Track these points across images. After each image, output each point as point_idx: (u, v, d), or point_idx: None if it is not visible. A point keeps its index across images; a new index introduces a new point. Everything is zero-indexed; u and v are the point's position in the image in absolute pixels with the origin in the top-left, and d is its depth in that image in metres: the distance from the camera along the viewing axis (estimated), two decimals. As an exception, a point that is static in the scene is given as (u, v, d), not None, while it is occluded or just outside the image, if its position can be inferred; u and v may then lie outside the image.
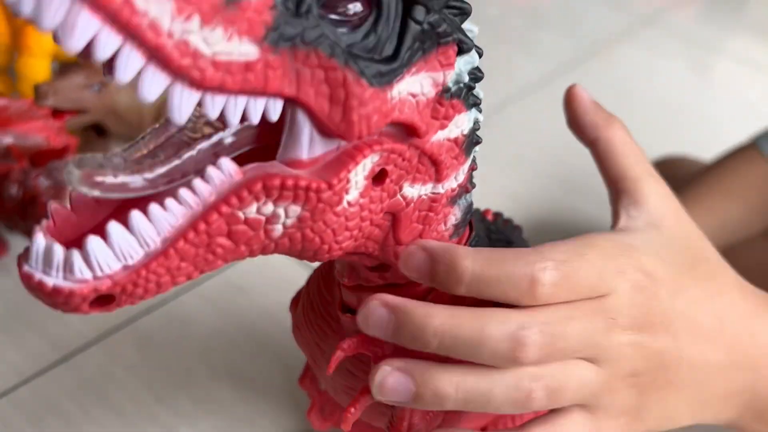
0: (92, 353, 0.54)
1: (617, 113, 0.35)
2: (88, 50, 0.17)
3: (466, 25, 0.26)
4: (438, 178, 0.27)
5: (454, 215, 0.29)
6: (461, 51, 0.25)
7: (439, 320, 0.26)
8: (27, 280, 0.20)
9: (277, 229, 0.23)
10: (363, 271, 0.29)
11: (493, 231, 0.36)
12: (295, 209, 0.23)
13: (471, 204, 0.30)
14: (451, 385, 0.26)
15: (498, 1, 1.26)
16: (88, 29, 0.17)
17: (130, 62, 0.18)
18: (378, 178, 0.25)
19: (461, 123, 0.26)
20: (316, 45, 0.21)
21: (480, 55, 0.27)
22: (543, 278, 0.26)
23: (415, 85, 0.24)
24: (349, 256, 0.28)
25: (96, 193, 0.21)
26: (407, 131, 0.25)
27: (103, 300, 0.21)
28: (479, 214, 0.36)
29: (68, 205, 0.22)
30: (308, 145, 0.23)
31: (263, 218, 0.22)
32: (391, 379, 0.26)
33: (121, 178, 0.21)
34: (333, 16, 0.22)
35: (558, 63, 1.08)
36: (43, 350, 0.54)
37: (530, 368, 0.26)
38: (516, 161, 0.85)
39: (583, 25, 1.24)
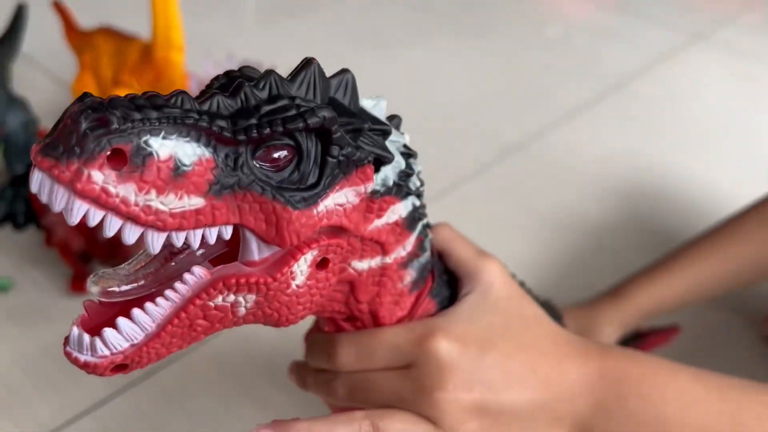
0: (173, 370, 0.62)
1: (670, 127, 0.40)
2: (84, 220, 0.25)
3: (394, 137, 0.33)
4: (384, 253, 0.34)
5: (409, 275, 0.36)
6: (383, 163, 0.32)
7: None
8: (68, 356, 0.29)
9: (241, 311, 0.31)
10: (339, 322, 0.38)
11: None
12: (251, 297, 0.30)
13: (426, 264, 0.37)
14: None
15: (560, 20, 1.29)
16: (81, 209, 0.25)
17: (113, 224, 0.26)
18: (321, 264, 0.31)
19: (397, 210, 0.33)
20: (249, 188, 0.28)
21: (407, 160, 0.33)
22: (338, 353, 0.37)
23: (341, 198, 0.30)
24: (325, 315, 0.36)
25: (110, 299, 0.30)
26: (340, 229, 0.31)
27: (120, 367, 0.29)
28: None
29: (98, 300, 0.30)
30: (257, 250, 0.30)
31: (228, 304, 0.30)
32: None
33: (124, 288, 0.30)
34: (264, 164, 0.29)
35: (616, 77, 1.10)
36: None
37: (360, 413, 0.36)
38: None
39: (638, 42, 1.25)
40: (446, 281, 0.40)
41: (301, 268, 0.30)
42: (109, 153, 0.24)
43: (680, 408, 0.36)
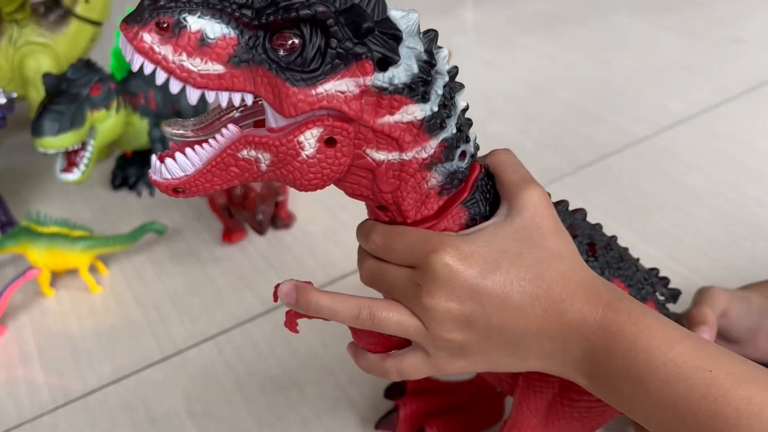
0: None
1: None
2: (141, 71, 0.34)
3: (411, 44, 0.36)
4: (401, 149, 0.38)
5: (434, 178, 0.39)
6: (388, 63, 0.35)
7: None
8: (149, 178, 0.38)
9: (262, 167, 0.37)
10: (374, 209, 0.42)
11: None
12: (267, 156, 0.36)
13: (455, 172, 0.40)
14: (312, 300, 0.41)
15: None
16: (138, 60, 0.34)
17: (160, 75, 0.34)
18: (329, 142, 0.36)
19: (411, 111, 0.37)
20: (260, 64, 0.35)
21: (425, 66, 0.37)
22: (370, 238, 0.42)
23: (342, 86, 0.35)
24: (360, 198, 0.41)
25: (177, 139, 0.38)
26: (346, 115, 0.36)
27: (176, 191, 0.37)
28: None
29: (172, 138, 0.39)
30: (274, 120, 0.36)
31: (252, 158, 0.37)
32: (284, 287, 0.42)
33: (186, 132, 0.38)
34: (277, 47, 0.35)
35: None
36: (254, 304, 0.73)
37: (366, 301, 0.40)
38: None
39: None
40: (489, 200, 0.42)
41: (309, 141, 0.36)
42: (156, 22, 0.33)
43: (663, 379, 0.35)
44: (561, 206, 0.45)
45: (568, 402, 0.46)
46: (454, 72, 0.39)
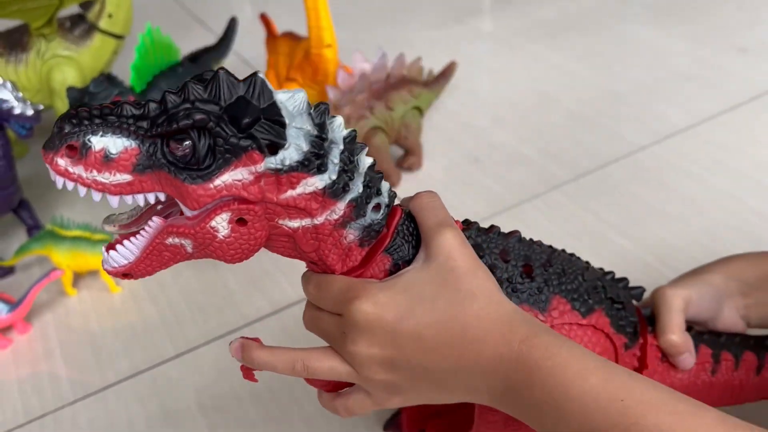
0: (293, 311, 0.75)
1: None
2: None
3: (299, 124, 0.39)
4: (311, 215, 0.41)
5: (351, 234, 0.43)
6: (278, 147, 0.38)
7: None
8: (103, 267, 0.42)
9: (189, 250, 0.41)
10: (308, 264, 0.46)
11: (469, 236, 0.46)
12: (188, 241, 0.40)
13: (370, 225, 0.43)
14: (255, 357, 0.44)
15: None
16: (59, 180, 0.38)
17: (81, 190, 0.38)
18: (240, 222, 0.40)
19: (311, 183, 0.40)
20: (161, 168, 0.38)
21: (317, 141, 0.39)
22: (306, 288, 0.45)
23: (237, 175, 0.39)
24: (290, 257, 0.44)
25: (112, 231, 0.42)
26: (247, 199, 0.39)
27: (126, 275, 0.41)
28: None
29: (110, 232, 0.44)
30: (186, 210, 0.40)
31: (177, 244, 0.40)
32: (233, 345, 0.45)
33: (118, 228, 0.42)
34: (173, 151, 0.38)
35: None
36: (263, 305, 0.76)
37: (300, 353, 0.43)
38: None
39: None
40: (412, 243, 0.44)
41: (221, 224, 0.39)
42: (66, 147, 0.38)
43: (580, 411, 0.37)
44: (492, 232, 0.47)
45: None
46: (351, 136, 0.41)
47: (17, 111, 0.77)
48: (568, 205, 0.87)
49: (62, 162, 0.38)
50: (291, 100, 0.39)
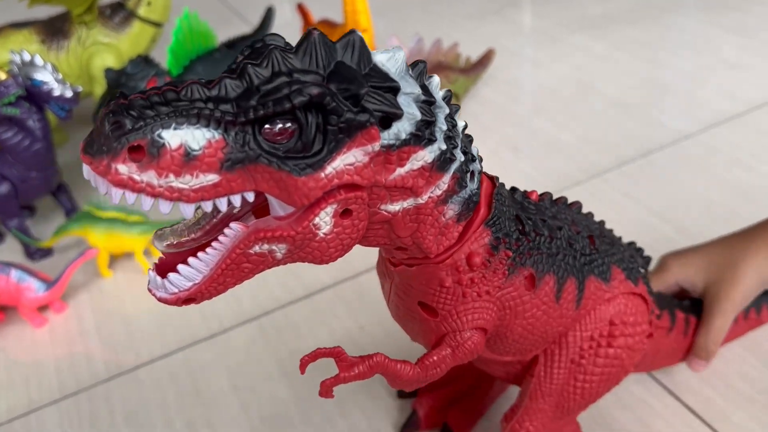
0: (326, 293, 0.74)
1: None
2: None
3: (408, 88, 0.33)
4: (416, 194, 0.35)
5: (451, 210, 0.38)
6: (391, 120, 0.33)
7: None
8: (150, 293, 0.34)
9: (278, 256, 0.34)
10: (390, 251, 0.41)
11: (531, 209, 0.43)
12: (283, 246, 0.33)
13: (471, 197, 0.38)
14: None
15: None
16: (117, 193, 0.30)
17: (146, 201, 0.30)
18: (345, 214, 0.34)
19: (420, 157, 0.34)
20: (257, 162, 0.31)
21: (426, 108, 0.34)
22: None
23: (350, 158, 0.32)
24: (377, 246, 0.39)
25: (169, 250, 0.34)
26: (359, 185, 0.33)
27: (189, 300, 0.34)
28: (512, 196, 0.43)
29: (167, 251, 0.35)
30: (281, 208, 0.33)
31: (266, 251, 0.33)
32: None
33: (184, 242, 0.34)
34: (270, 138, 0.31)
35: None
36: (296, 288, 0.76)
37: None
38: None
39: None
40: (509, 216, 0.41)
41: (324, 220, 0.33)
42: (128, 148, 0.29)
43: None
44: (561, 203, 0.46)
45: (581, 374, 0.47)
46: (449, 96, 0.37)
47: (57, 93, 0.78)
48: (610, 193, 0.84)
49: (125, 168, 0.29)
50: (392, 60, 0.34)
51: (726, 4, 1.26)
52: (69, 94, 0.78)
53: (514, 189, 0.44)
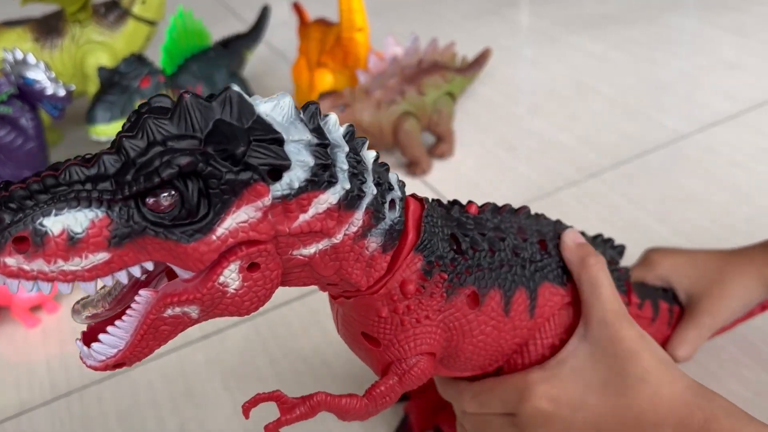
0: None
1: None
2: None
3: (297, 135, 0.33)
4: (329, 236, 0.35)
5: (373, 242, 0.37)
6: (281, 171, 0.32)
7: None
8: (82, 362, 0.34)
9: (194, 316, 0.34)
10: (324, 287, 0.40)
11: (470, 224, 0.42)
12: (194, 307, 0.33)
13: (390, 228, 0.37)
14: None
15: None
16: (12, 283, 0.30)
17: (44, 287, 0.31)
18: (252, 267, 0.33)
19: (324, 200, 0.33)
20: (144, 234, 0.31)
21: (320, 151, 0.33)
22: (463, 401, 0.45)
23: (242, 216, 0.32)
24: (309, 285, 0.38)
25: (88, 322, 0.35)
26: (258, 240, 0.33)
27: (118, 365, 0.34)
28: (448, 214, 0.42)
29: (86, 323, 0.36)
30: (183, 272, 0.33)
31: (180, 313, 0.34)
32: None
33: (97, 312, 0.35)
34: (154, 209, 0.31)
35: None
36: (291, 289, 0.75)
37: None
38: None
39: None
40: (441, 236, 0.40)
41: (231, 277, 0.33)
42: (12, 241, 0.29)
43: None
44: (506, 211, 0.45)
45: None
46: (350, 132, 0.36)
47: (49, 91, 0.77)
48: (606, 193, 0.84)
49: (12, 261, 0.30)
50: (277, 108, 0.33)
51: (724, 4, 1.26)
52: (62, 92, 0.78)
53: (452, 204, 0.43)
